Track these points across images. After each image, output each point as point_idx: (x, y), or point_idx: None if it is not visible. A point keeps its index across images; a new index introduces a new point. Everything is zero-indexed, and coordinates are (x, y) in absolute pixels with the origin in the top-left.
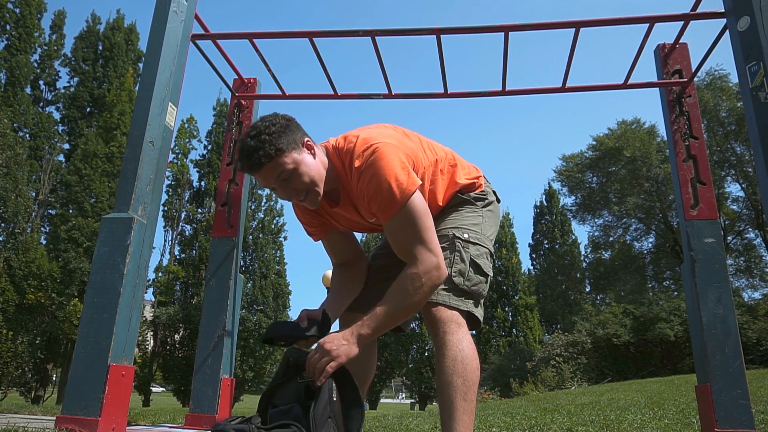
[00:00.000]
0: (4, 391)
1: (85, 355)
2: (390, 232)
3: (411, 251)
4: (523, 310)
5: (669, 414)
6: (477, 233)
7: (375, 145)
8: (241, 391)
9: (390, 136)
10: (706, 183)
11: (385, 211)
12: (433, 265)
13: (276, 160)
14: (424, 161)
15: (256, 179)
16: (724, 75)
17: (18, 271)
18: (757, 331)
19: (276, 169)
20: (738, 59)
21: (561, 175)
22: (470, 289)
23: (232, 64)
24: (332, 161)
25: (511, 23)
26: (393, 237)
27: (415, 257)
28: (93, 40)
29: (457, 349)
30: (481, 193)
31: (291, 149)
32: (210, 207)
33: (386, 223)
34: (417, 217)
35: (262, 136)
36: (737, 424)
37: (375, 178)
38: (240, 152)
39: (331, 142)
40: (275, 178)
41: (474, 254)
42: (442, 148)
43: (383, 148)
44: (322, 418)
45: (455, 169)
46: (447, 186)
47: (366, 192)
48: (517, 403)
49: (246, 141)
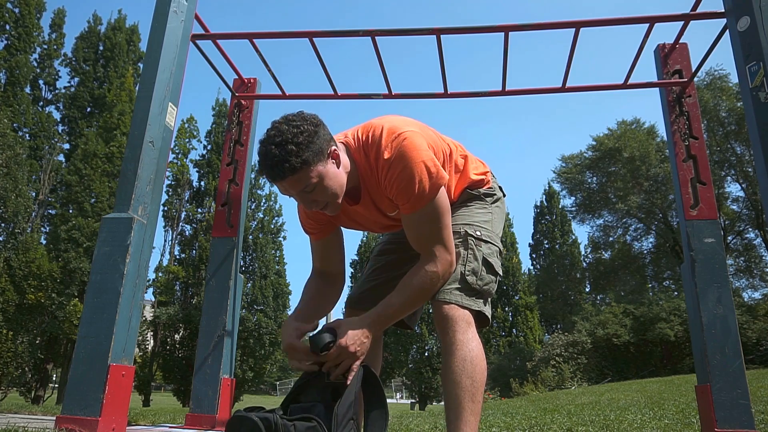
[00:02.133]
0: (4, 391)
1: (85, 355)
2: (411, 224)
3: (430, 248)
4: (523, 310)
5: (669, 414)
6: (488, 231)
7: (403, 135)
8: (241, 391)
9: (413, 124)
10: (706, 183)
11: (412, 204)
12: (449, 264)
13: (300, 173)
14: (443, 150)
15: (275, 185)
16: (724, 75)
17: (18, 271)
18: (757, 331)
19: (300, 183)
20: (738, 59)
21: (560, 176)
22: (482, 288)
23: (232, 64)
24: (354, 158)
25: (511, 23)
26: (414, 230)
27: (434, 254)
28: (94, 41)
29: (467, 348)
30: (490, 189)
31: (317, 161)
32: (210, 207)
33: (409, 215)
34: (441, 213)
35: (288, 146)
36: (737, 424)
37: (406, 170)
38: (263, 158)
39: (351, 135)
40: (297, 191)
41: (486, 253)
42: (452, 140)
43: (412, 137)
44: (345, 418)
45: (466, 161)
46: (459, 179)
47: (396, 183)
48: (517, 403)
49: (269, 148)
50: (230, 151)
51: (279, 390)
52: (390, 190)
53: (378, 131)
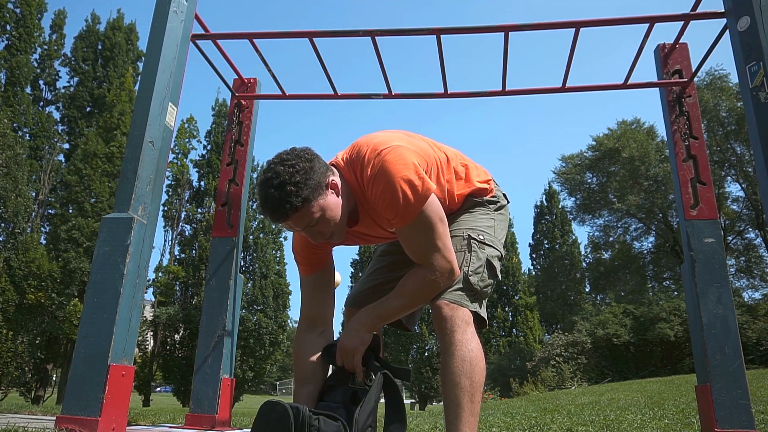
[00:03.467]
0: (4, 391)
1: (85, 355)
2: (404, 237)
3: (427, 258)
4: (523, 310)
5: (669, 414)
6: (491, 235)
7: (384, 151)
8: (241, 391)
9: (399, 138)
10: (706, 183)
11: (400, 218)
12: (448, 272)
13: (303, 211)
14: (436, 159)
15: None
16: (724, 75)
17: (18, 271)
18: (757, 331)
19: (303, 220)
20: (738, 59)
21: (560, 176)
22: (482, 289)
23: (232, 64)
24: (346, 179)
25: (511, 23)
26: (408, 242)
27: (432, 264)
28: (93, 40)
29: (466, 349)
30: (493, 197)
31: (317, 196)
32: (210, 207)
33: (401, 228)
34: (433, 223)
35: (287, 188)
36: (737, 424)
37: (389, 185)
38: (263, 202)
39: (340, 157)
40: (302, 227)
41: (489, 255)
42: (450, 148)
43: (393, 152)
44: (365, 425)
45: (467, 169)
46: (461, 186)
47: (381, 200)
48: (517, 403)
49: (268, 191)
50: (230, 151)
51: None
52: (378, 207)
53: (363, 150)
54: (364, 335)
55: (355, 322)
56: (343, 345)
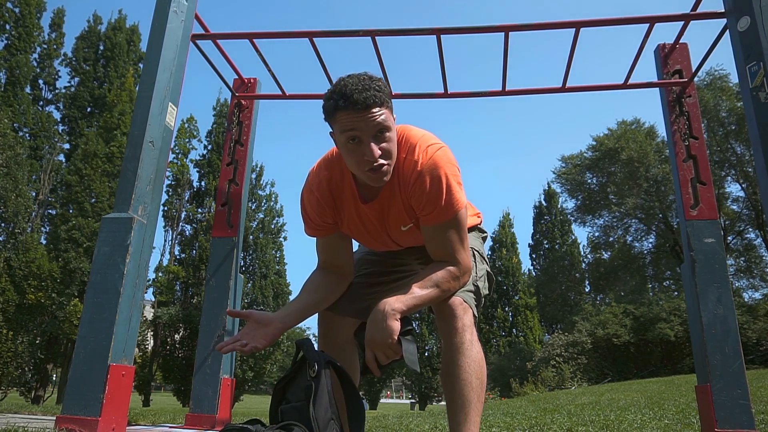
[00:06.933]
0: (4, 391)
1: (85, 355)
2: (436, 232)
3: (454, 254)
4: (523, 310)
5: (669, 414)
6: (483, 254)
7: (437, 145)
8: (241, 391)
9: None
10: (706, 183)
11: (439, 213)
12: (469, 270)
13: (384, 108)
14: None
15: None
16: (724, 75)
17: (18, 271)
18: (757, 331)
19: (380, 117)
20: (738, 59)
21: (560, 176)
22: (483, 297)
23: (232, 64)
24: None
25: (511, 23)
26: (439, 238)
27: (458, 260)
28: (94, 41)
29: (476, 349)
30: (482, 227)
31: (392, 111)
32: (210, 207)
33: (434, 225)
34: (464, 225)
35: (374, 82)
36: (737, 424)
37: (437, 179)
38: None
39: None
40: (374, 126)
41: (486, 269)
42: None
43: (445, 150)
44: (325, 419)
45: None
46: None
47: (422, 191)
48: (517, 403)
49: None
50: (230, 151)
51: None
52: (414, 194)
53: (415, 135)
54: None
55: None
56: (373, 339)
